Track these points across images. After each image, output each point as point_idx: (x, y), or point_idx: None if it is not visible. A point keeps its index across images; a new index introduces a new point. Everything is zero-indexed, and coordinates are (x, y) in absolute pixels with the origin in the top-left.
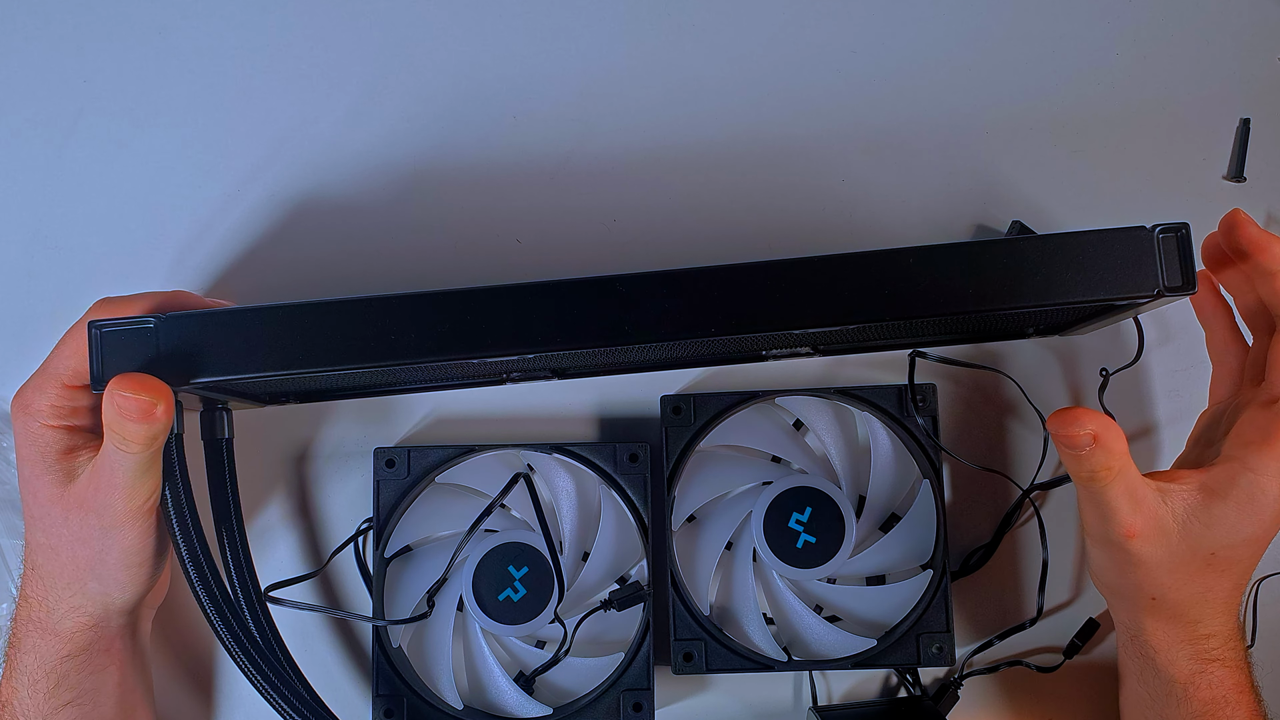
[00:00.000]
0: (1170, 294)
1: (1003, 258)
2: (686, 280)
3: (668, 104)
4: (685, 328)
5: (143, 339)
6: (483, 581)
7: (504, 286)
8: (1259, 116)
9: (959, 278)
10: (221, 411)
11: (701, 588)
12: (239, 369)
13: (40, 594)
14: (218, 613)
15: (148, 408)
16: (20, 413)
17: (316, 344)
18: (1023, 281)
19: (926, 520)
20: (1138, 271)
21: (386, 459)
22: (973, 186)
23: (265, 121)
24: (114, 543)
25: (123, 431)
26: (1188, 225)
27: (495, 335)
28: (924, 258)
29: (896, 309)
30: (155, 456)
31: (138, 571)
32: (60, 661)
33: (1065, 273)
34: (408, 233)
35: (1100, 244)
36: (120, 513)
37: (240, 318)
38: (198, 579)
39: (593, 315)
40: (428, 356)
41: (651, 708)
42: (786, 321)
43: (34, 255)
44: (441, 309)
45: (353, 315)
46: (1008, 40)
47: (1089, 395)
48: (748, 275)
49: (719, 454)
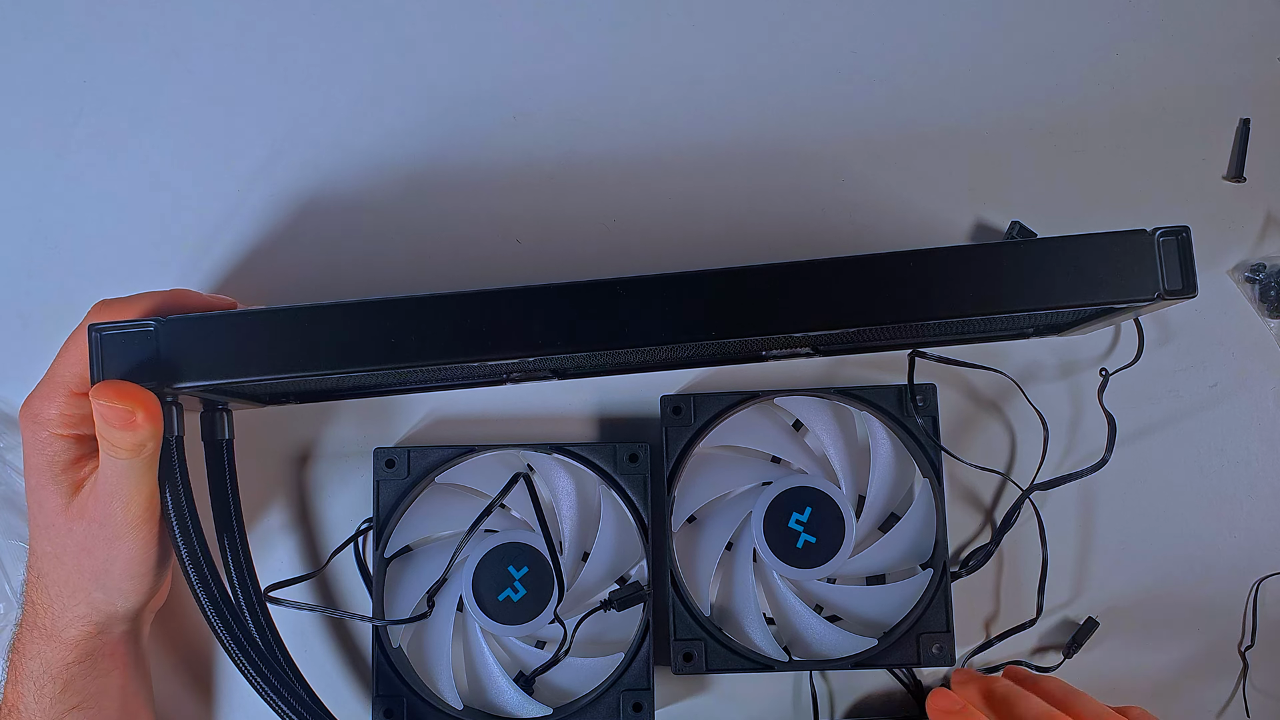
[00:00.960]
0: (1170, 297)
1: (1003, 262)
2: (686, 284)
3: (668, 105)
4: (685, 331)
5: (143, 342)
6: (483, 582)
7: (504, 290)
8: (1259, 116)
9: (959, 281)
10: (222, 412)
11: (702, 588)
12: (240, 372)
13: (45, 602)
14: (218, 615)
15: (126, 416)
16: (30, 423)
17: (317, 347)
18: (1023, 285)
19: (926, 520)
20: (1138, 275)
21: (386, 459)
22: (972, 186)
23: (265, 121)
24: (118, 552)
25: (110, 438)
26: (1188, 229)
27: (496, 339)
28: (924, 261)
29: (897, 312)
30: (149, 464)
31: (142, 580)
32: (65, 667)
33: (1066, 276)
34: (407, 233)
35: (1101, 247)
36: (120, 521)
37: (241, 321)
38: (198, 581)
39: (593, 318)
40: (428, 360)
41: (651, 708)
42: (786, 325)
43: (34, 255)
44: (441, 313)
45: (353, 319)
46: (1008, 40)
47: (1089, 395)
48: (747, 279)
49: (719, 455)
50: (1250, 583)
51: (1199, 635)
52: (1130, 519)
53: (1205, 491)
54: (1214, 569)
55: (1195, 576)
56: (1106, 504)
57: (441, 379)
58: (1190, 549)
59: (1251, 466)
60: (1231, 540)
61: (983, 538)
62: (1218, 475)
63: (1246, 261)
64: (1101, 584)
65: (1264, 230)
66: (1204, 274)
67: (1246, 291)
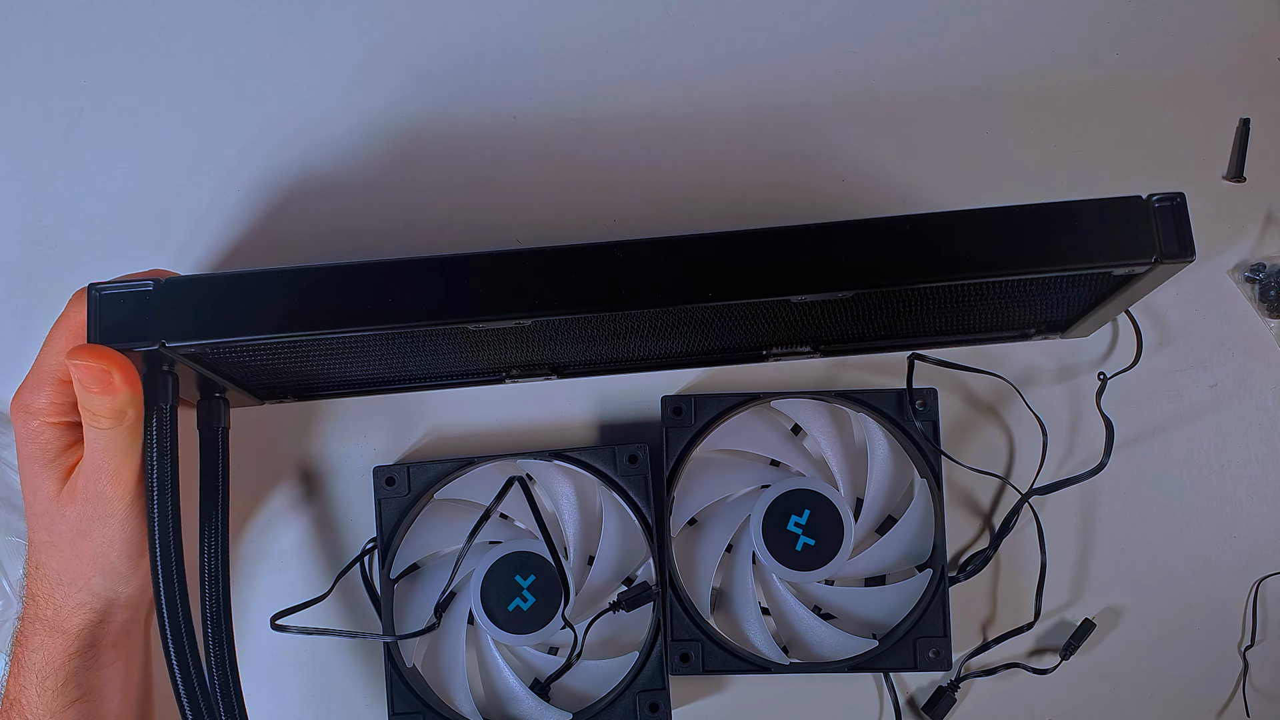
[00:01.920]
0: (1168, 261)
1: (1002, 224)
2: (684, 246)
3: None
4: (682, 293)
5: (141, 301)
6: (491, 593)
7: (503, 252)
8: (1259, 116)
9: (957, 244)
10: (219, 400)
11: (702, 590)
12: (237, 330)
13: (46, 592)
14: (167, 586)
15: (104, 376)
16: (21, 413)
17: (314, 307)
18: (1021, 248)
19: (923, 521)
20: (1135, 239)
21: (386, 477)
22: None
23: (265, 120)
24: (114, 532)
25: (90, 406)
26: (1183, 195)
27: (494, 300)
28: (921, 224)
29: (894, 275)
30: (132, 433)
31: (140, 561)
32: (68, 659)
33: (1063, 239)
34: (408, 233)
35: (1098, 211)
36: (112, 497)
37: (238, 280)
38: (161, 556)
39: (591, 279)
40: (425, 321)
41: (668, 707)
42: (783, 287)
43: (34, 255)
44: (440, 273)
45: (351, 279)
46: (1008, 41)
47: (1088, 399)
48: (745, 241)
49: (718, 458)
50: (1250, 583)
51: (1199, 635)
52: (1130, 520)
53: (1205, 492)
54: (1214, 569)
55: (1195, 576)
56: (1106, 506)
57: (443, 373)
58: (1190, 549)
59: (1251, 467)
60: (1231, 540)
61: (981, 542)
62: (1218, 476)
63: (1246, 261)
64: (1101, 586)
65: (1264, 230)
66: (1204, 274)
67: (1246, 291)
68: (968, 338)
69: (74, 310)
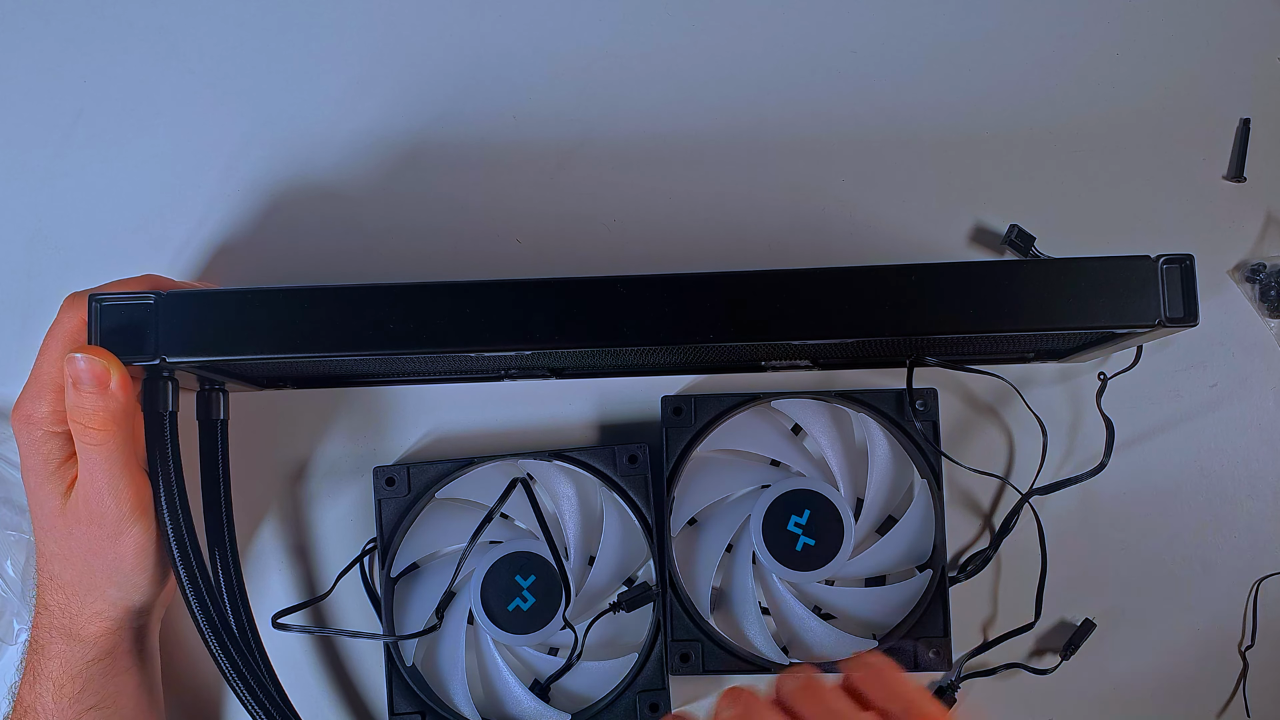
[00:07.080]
0: (1171, 325)
1: (1004, 280)
2: (687, 285)
3: (669, 106)
4: (684, 333)
5: (142, 314)
6: (491, 593)
7: (505, 281)
8: (1259, 116)
9: (960, 298)
10: (218, 392)
11: (702, 590)
12: (236, 350)
13: (61, 602)
14: (195, 593)
15: (102, 373)
16: (23, 424)
17: (315, 329)
18: (1024, 305)
19: (923, 521)
20: (1140, 301)
21: (386, 477)
22: (972, 187)
23: (265, 119)
24: (124, 549)
25: (83, 419)
26: (1192, 257)
27: (493, 330)
28: (926, 276)
29: (896, 326)
30: (124, 447)
31: (155, 572)
32: (85, 666)
33: (1067, 298)
34: (408, 233)
35: (1103, 271)
36: (115, 516)
37: (240, 298)
38: (180, 558)
39: (592, 314)
40: (424, 348)
41: (669, 707)
42: (785, 332)
43: (34, 255)
44: (441, 301)
45: (353, 302)
46: (1008, 41)
47: (1088, 399)
48: (749, 284)
49: (718, 458)
50: (1250, 583)
51: (1199, 635)
52: (1130, 520)
53: (1205, 492)
54: (1214, 569)
55: (1195, 576)
56: (1106, 506)
57: (440, 370)
58: (1190, 549)
59: (1251, 467)
60: (1231, 540)
61: (981, 543)
62: (1218, 476)
63: (1246, 261)
64: (1101, 586)
65: (1264, 230)
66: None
67: (1246, 291)
68: (966, 358)
69: (67, 315)
